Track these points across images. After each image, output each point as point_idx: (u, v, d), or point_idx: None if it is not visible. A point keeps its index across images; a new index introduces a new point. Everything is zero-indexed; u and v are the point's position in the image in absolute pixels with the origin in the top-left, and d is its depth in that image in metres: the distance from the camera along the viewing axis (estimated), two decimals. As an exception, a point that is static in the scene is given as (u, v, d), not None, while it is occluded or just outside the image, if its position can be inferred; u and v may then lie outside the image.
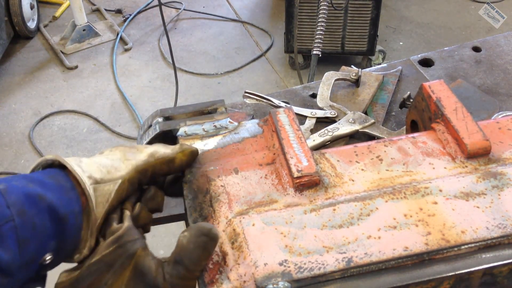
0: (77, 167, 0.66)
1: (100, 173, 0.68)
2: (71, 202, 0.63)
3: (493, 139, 0.81)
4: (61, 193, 0.63)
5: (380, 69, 1.36)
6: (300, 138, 0.80)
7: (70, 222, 0.63)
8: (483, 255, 0.66)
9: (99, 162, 0.70)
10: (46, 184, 0.62)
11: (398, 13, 3.97)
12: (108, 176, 0.68)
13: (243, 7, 4.10)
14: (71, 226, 0.63)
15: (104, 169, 0.69)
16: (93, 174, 0.67)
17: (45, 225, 0.60)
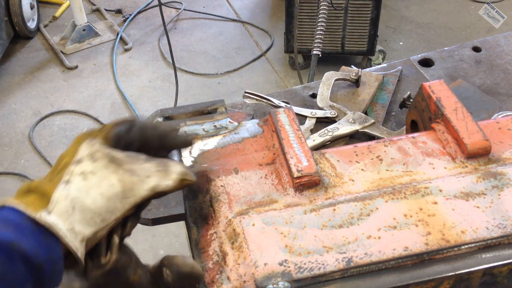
0: (70, 236, 0.58)
1: (93, 225, 0.60)
2: (50, 248, 0.57)
3: (493, 139, 0.81)
4: (39, 239, 0.57)
5: (380, 69, 1.36)
6: (300, 138, 0.80)
7: (47, 269, 0.57)
8: (483, 255, 0.66)
9: (93, 206, 0.60)
10: (22, 228, 0.56)
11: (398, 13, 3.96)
12: (101, 225, 0.61)
13: (243, 7, 4.09)
14: (49, 273, 0.58)
15: (98, 219, 0.60)
16: (86, 232, 0.59)
17: (17, 272, 0.55)
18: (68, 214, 0.59)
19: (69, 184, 0.61)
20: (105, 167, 0.62)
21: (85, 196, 0.60)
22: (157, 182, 0.65)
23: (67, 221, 0.58)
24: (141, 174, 0.65)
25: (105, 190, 0.61)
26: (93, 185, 0.61)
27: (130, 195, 0.63)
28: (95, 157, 0.63)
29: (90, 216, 0.60)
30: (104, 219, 0.61)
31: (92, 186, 0.61)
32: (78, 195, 0.60)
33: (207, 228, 0.72)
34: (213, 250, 0.69)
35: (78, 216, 0.59)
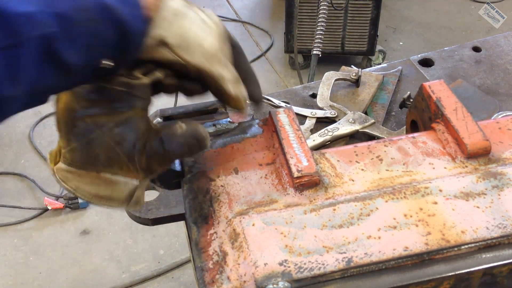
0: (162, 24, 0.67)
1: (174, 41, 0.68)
2: (139, 19, 0.64)
3: (493, 139, 0.81)
4: (132, 9, 0.63)
5: (380, 69, 1.36)
6: (300, 138, 0.80)
7: (134, 39, 0.64)
8: (483, 255, 0.66)
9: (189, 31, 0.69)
10: None
11: (398, 13, 3.96)
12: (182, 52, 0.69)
13: (243, 7, 4.09)
14: (134, 44, 0.65)
15: (184, 44, 0.69)
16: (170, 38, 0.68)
17: (110, 35, 0.61)
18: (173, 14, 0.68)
19: (190, 9, 0.71)
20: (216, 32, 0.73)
21: (193, 24, 0.70)
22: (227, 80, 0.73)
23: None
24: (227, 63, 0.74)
25: (203, 36, 0.71)
26: (201, 27, 0.71)
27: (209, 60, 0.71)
28: (218, 24, 0.74)
29: (181, 32, 0.69)
30: (184, 48, 0.69)
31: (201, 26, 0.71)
32: (191, 18, 0.70)
33: (207, 228, 0.72)
34: (213, 250, 0.69)
35: (177, 23, 0.68)
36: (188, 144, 0.71)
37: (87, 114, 0.67)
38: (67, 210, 2.60)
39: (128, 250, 2.43)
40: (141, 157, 0.70)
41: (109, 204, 0.72)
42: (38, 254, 2.43)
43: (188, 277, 2.32)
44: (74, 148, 0.68)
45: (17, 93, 0.55)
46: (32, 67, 0.55)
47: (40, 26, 0.55)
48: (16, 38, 0.53)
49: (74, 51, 0.58)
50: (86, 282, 2.32)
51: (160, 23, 0.66)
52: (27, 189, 2.74)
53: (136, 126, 0.69)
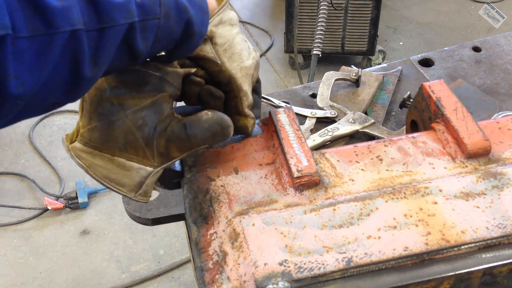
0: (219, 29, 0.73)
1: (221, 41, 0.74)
2: (203, 24, 0.69)
3: (493, 139, 0.81)
4: (200, 13, 0.67)
5: (380, 69, 1.36)
6: (300, 138, 0.80)
7: (193, 40, 0.68)
8: (483, 255, 0.66)
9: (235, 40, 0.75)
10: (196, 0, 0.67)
11: (398, 13, 3.96)
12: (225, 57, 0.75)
13: (243, 7, 4.09)
14: (191, 44, 0.69)
15: (229, 51, 0.75)
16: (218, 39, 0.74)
17: (177, 33, 0.65)
18: (227, 22, 0.75)
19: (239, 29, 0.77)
20: (254, 58, 0.80)
21: (239, 37, 0.77)
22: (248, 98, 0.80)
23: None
24: (251, 87, 0.82)
25: (245, 53, 0.78)
26: (245, 46, 0.78)
27: (243, 75, 0.78)
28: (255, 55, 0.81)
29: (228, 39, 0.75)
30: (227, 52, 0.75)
31: (245, 45, 0.78)
32: (238, 32, 0.77)
33: (207, 228, 0.72)
34: (213, 250, 0.69)
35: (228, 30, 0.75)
36: (212, 130, 0.72)
37: (115, 94, 0.69)
38: (67, 210, 2.60)
39: (128, 250, 2.42)
40: (160, 139, 0.71)
41: (118, 189, 0.73)
42: (38, 254, 2.43)
43: (188, 277, 2.32)
44: (94, 127, 0.70)
45: (95, 74, 0.58)
46: (112, 51, 0.58)
47: (129, 15, 0.57)
48: (107, 23, 0.55)
49: (145, 41, 0.61)
50: (86, 282, 2.32)
51: (214, 22, 0.71)
52: (27, 189, 2.74)
53: (161, 109, 0.71)
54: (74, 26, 0.52)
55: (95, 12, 0.54)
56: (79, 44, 0.53)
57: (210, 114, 0.73)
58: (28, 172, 2.80)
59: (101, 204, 2.60)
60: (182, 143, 0.72)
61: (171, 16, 0.63)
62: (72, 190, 2.61)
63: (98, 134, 0.70)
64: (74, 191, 2.58)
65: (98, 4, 0.54)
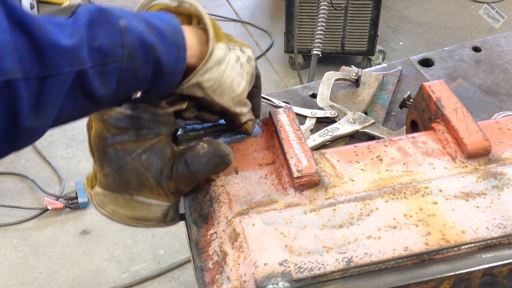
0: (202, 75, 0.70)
1: (209, 84, 0.71)
2: (178, 61, 0.66)
3: (493, 139, 0.81)
4: (173, 51, 0.64)
5: (380, 69, 1.36)
6: (300, 138, 0.80)
7: (169, 78, 0.66)
8: (483, 255, 0.66)
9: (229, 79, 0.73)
10: (163, 35, 0.63)
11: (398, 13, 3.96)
12: (214, 94, 0.72)
13: (243, 7, 4.09)
14: (167, 82, 0.67)
15: (219, 89, 0.72)
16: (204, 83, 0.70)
17: (146, 73, 0.62)
18: (215, 63, 0.71)
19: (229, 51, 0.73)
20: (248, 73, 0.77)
21: (231, 70, 0.73)
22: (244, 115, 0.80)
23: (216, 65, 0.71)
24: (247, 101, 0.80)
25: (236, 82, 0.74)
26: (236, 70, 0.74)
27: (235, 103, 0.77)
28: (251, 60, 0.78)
29: (219, 80, 0.72)
30: (217, 93, 0.73)
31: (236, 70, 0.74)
32: (229, 63, 0.73)
33: (207, 228, 0.72)
34: (213, 250, 0.69)
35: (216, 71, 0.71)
36: (213, 162, 0.72)
37: (117, 141, 0.70)
38: (67, 210, 2.60)
39: (128, 250, 2.42)
40: (169, 182, 0.72)
41: (146, 225, 0.76)
42: (38, 254, 2.43)
43: (188, 277, 2.32)
44: (107, 173, 0.72)
45: (39, 124, 0.54)
46: (58, 99, 0.54)
47: (77, 62, 0.54)
48: (50, 71, 0.52)
49: (106, 85, 0.58)
50: (86, 282, 2.32)
51: (201, 72, 0.69)
52: (27, 189, 2.74)
53: (162, 152, 0.71)
54: (6, 75, 0.48)
55: (38, 59, 0.51)
56: (15, 94, 0.49)
57: (206, 147, 0.72)
58: (28, 172, 2.80)
59: (101, 204, 2.59)
60: (188, 180, 0.73)
61: (135, 57, 0.60)
62: (72, 190, 2.61)
63: (112, 179, 0.72)
64: (74, 191, 2.58)
65: (43, 50, 0.51)
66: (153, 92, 0.67)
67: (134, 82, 0.62)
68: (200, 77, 0.70)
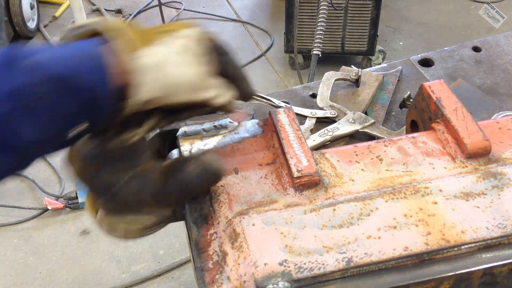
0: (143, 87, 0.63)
1: (161, 92, 0.64)
2: (107, 84, 0.60)
3: (493, 139, 0.81)
4: (97, 74, 0.60)
5: (380, 69, 1.36)
6: (300, 138, 0.80)
7: (106, 104, 0.61)
8: (483, 255, 0.66)
9: (172, 77, 0.65)
10: (78, 62, 0.59)
11: (398, 13, 3.96)
12: (165, 97, 0.65)
13: (243, 7, 4.09)
14: (107, 108, 0.62)
15: (168, 90, 0.65)
16: (155, 94, 0.64)
17: (75, 106, 0.58)
18: (151, 71, 0.63)
19: (166, 47, 0.66)
20: (200, 55, 0.68)
21: (172, 65, 0.65)
22: (216, 97, 0.71)
23: (148, 74, 0.63)
24: (213, 83, 0.70)
25: (188, 73, 0.67)
26: (183, 61, 0.66)
27: (199, 91, 0.68)
28: (200, 39, 0.69)
29: (163, 82, 0.64)
30: (170, 94, 0.65)
31: (182, 61, 0.66)
32: (167, 60, 0.65)
33: (207, 228, 0.72)
34: (213, 250, 0.69)
35: (160, 77, 0.64)
36: (205, 180, 0.70)
37: (100, 175, 0.68)
38: (67, 210, 2.60)
39: (128, 250, 2.43)
40: (166, 199, 0.71)
41: (161, 226, 0.78)
42: (38, 254, 2.43)
43: (188, 277, 2.32)
44: (103, 201, 0.71)
45: None
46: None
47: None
48: None
49: (28, 130, 0.54)
50: (86, 282, 2.32)
51: (138, 88, 0.63)
52: (27, 189, 2.74)
53: (149, 178, 0.68)
54: None
55: None
56: None
57: (193, 168, 0.69)
58: (28, 172, 2.80)
59: (101, 204, 2.60)
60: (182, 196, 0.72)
61: (53, 93, 0.55)
62: (72, 190, 2.62)
63: (111, 205, 0.71)
64: (74, 191, 2.59)
65: None
66: (100, 121, 0.63)
67: (63, 118, 0.58)
68: (142, 94, 0.64)
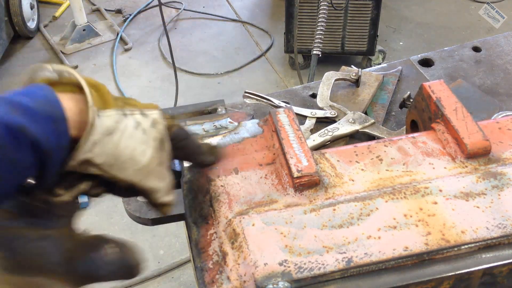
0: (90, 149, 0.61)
1: (105, 159, 0.62)
2: (60, 136, 0.58)
3: (493, 139, 0.81)
4: (50, 126, 0.57)
5: (380, 69, 1.36)
6: (300, 138, 0.80)
7: (56, 157, 0.58)
8: (483, 255, 0.66)
9: (119, 149, 0.62)
10: (34, 112, 0.56)
11: (398, 13, 3.96)
12: (108, 166, 0.62)
13: (243, 7, 4.09)
14: (56, 162, 0.59)
15: (112, 160, 0.62)
16: (99, 160, 0.61)
17: (25, 158, 0.55)
18: (104, 134, 0.61)
19: (125, 118, 0.64)
20: (154, 139, 0.66)
21: (128, 138, 0.63)
22: (160, 191, 0.68)
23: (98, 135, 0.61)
24: (162, 172, 0.68)
25: (138, 151, 0.64)
26: (137, 138, 0.64)
27: (143, 176, 0.66)
28: (157, 123, 0.67)
29: (115, 151, 0.62)
30: (117, 167, 0.63)
31: (136, 137, 0.64)
32: (125, 131, 0.63)
33: (207, 228, 0.72)
34: (213, 250, 0.69)
35: (108, 143, 0.62)
36: (118, 272, 0.63)
37: (7, 225, 0.61)
38: (67, 210, 2.60)
39: (128, 250, 2.42)
40: (68, 275, 0.62)
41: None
42: (38, 254, 2.43)
43: (188, 277, 2.32)
44: (2, 254, 0.61)
45: None
46: None
47: None
48: None
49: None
50: (86, 282, 2.32)
51: (87, 147, 0.61)
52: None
53: (59, 245, 0.61)
54: None
55: None
56: None
57: (109, 253, 0.62)
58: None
59: (101, 204, 2.60)
60: (90, 279, 0.63)
61: (5, 146, 0.53)
62: (72, 190, 2.61)
63: (7, 262, 0.61)
64: (74, 191, 2.58)
65: None
66: (48, 176, 0.59)
67: (11, 172, 0.55)
68: (88, 153, 0.61)
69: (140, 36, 3.88)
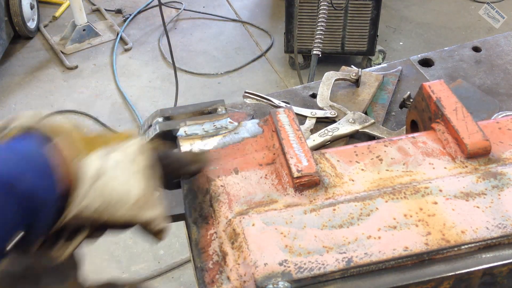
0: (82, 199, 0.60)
1: (97, 205, 0.61)
2: (51, 187, 0.57)
3: (493, 139, 0.81)
4: (40, 177, 0.56)
5: (380, 69, 1.36)
6: (300, 138, 0.80)
7: (49, 210, 0.58)
8: (483, 255, 0.66)
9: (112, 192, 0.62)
10: (23, 165, 0.56)
11: (398, 13, 3.96)
12: (105, 213, 0.62)
13: (243, 7, 4.09)
14: (48, 215, 0.59)
15: (109, 206, 0.62)
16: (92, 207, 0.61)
17: (14, 214, 0.54)
18: (90, 184, 0.60)
19: (106, 159, 0.62)
20: (144, 169, 0.65)
21: (116, 178, 0.62)
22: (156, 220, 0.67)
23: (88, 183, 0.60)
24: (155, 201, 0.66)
25: (127, 188, 0.63)
26: (123, 175, 0.63)
27: (137, 210, 0.64)
28: (142, 152, 0.66)
29: (106, 195, 0.61)
30: (112, 209, 0.62)
31: (121, 175, 0.63)
32: (111, 172, 0.62)
33: (207, 228, 0.72)
34: (213, 250, 0.69)
35: (96, 190, 0.60)
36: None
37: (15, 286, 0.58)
38: (67, 210, 2.60)
39: (128, 250, 2.42)
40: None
41: None
42: (38, 254, 2.43)
43: (188, 277, 2.32)
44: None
45: None
46: None
47: None
48: None
49: None
50: (86, 282, 2.32)
51: (78, 198, 0.60)
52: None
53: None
54: None
55: None
56: None
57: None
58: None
59: (101, 204, 2.59)
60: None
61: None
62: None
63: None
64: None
65: None
66: (40, 230, 0.59)
67: (2, 229, 0.54)
68: (79, 206, 0.60)
69: (140, 36, 3.88)
